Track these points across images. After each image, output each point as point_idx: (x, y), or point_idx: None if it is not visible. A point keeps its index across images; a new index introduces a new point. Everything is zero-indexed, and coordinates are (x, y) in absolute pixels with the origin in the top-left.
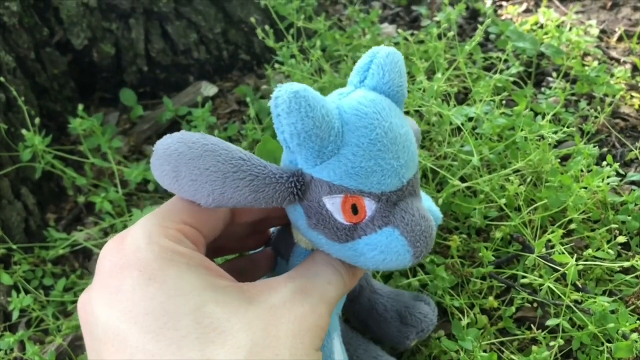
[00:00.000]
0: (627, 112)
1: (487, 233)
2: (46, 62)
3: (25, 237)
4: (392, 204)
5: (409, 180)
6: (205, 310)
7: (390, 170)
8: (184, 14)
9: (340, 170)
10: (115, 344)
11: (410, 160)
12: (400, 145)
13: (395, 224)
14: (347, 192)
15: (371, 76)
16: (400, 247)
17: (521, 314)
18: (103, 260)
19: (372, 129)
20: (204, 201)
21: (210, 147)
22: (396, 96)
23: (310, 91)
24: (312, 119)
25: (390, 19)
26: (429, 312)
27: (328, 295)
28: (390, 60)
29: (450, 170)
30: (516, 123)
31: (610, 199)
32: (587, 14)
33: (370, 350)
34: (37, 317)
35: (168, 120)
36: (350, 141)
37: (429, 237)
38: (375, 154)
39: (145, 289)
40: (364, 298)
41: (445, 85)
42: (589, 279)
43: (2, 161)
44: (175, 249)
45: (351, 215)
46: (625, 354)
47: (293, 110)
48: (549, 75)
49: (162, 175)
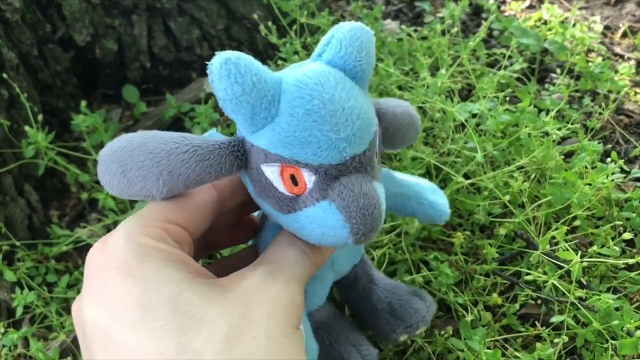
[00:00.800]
0: (632, 108)
1: (491, 230)
2: (49, 58)
3: (28, 233)
4: (332, 178)
5: (354, 155)
6: (182, 299)
7: (327, 143)
8: (187, 10)
9: (274, 139)
10: (102, 342)
11: (355, 136)
12: (343, 118)
13: (332, 198)
14: (283, 162)
15: (329, 50)
16: (336, 221)
17: (525, 311)
18: (88, 263)
19: (310, 99)
20: (155, 188)
21: (151, 134)
22: (353, 71)
23: (242, 58)
24: (241, 85)
25: (393, 15)
26: (421, 308)
27: (297, 274)
28: (352, 35)
29: (454, 167)
30: (520, 119)
31: (615, 195)
32: (591, 10)
33: (352, 337)
34: (40, 313)
35: (171, 116)
36: (285, 110)
37: (369, 216)
38: (310, 124)
39: (124, 285)
40: (360, 286)
41: (449, 82)
42: (593, 276)
43: (5, 158)
44: (154, 246)
45: (291, 185)
46: (630, 351)
47: (223, 77)
48: (553, 71)
49: (111, 177)
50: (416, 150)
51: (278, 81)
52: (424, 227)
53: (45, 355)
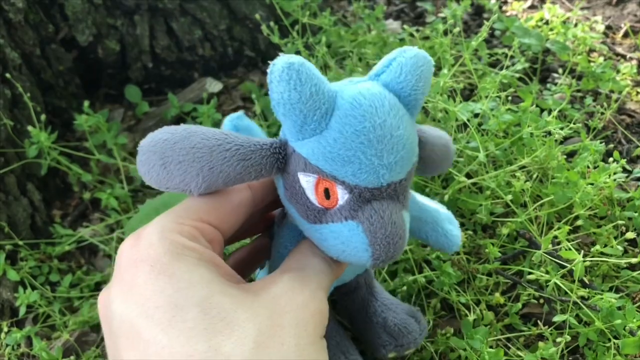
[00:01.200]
0: (634, 108)
1: (493, 229)
2: (52, 58)
3: (31, 233)
4: (364, 200)
5: (391, 183)
6: (213, 301)
7: (368, 166)
8: (189, 10)
9: (317, 151)
10: (130, 338)
11: (397, 165)
12: (389, 145)
13: (360, 220)
14: (320, 174)
15: (388, 72)
16: (360, 244)
17: (527, 310)
18: (120, 257)
19: (362, 120)
20: (194, 183)
21: (193, 129)
22: (408, 98)
23: (305, 66)
24: (299, 92)
25: (395, 15)
26: (414, 329)
27: (322, 283)
28: (414, 62)
29: (456, 167)
30: (522, 119)
31: (617, 195)
32: (592, 10)
33: (342, 344)
34: (43, 313)
35: (173, 116)
36: (335, 126)
37: (392, 244)
38: (357, 145)
39: (156, 283)
40: (359, 296)
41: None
42: (595, 276)
43: (8, 157)
44: (187, 245)
45: (323, 198)
46: (633, 350)
47: (283, 80)
48: (555, 71)
49: (150, 168)
50: None
51: (334, 95)
52: None
53: (48, 354)
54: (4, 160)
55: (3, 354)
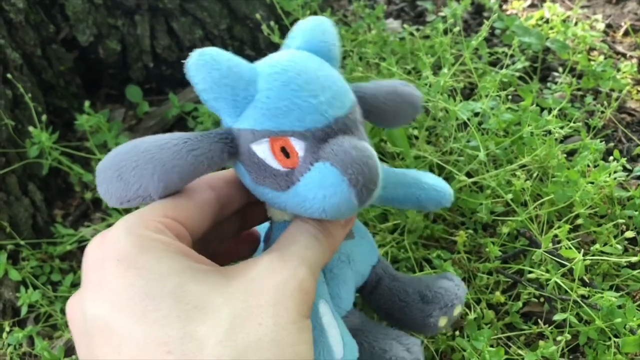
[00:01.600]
0: (634, 106)
1: (493, 228)
2: (52, 58)
3: (32, 233)
4: (321, 141)
5: (337, 117)
6: (185, 289)
7: (309, 107)
8: (189, 10)
9: (257, 115)
10: (103, 335)
11: (335, 99)
12: (318, 84)
13: (325, 157)
14: (271, 135)
15: (294, 40)
16: (333, 177)
17: (528, 309)
18: (86, 257)
19: (284, 72)
20: (151, 186)
21: (139, 139)
22: (320, 52)
23: (215, 50)
24: (218, 70)
25: (395, 14)
26: (450, 286)
27: (308, 258)
28: (312, 23)
29: (457, 166)
30: (522, 118)
31: (617, 194)
32: (592, 9)
33: (390, 333)
34: (45, 312)
35: (174, 116)
36: (263, 87)
37: (364, 164)
38: (289, 93)
39: (125, 277)
40: (384, 287)
41: (451, 81)
42: (595, 274)
43: (10, 158)
44: (154, 237)
45: (284, 159)
46: (633, 348)
47: (200, 67)
48: (555, 70)
49: (108, 185)
50: (419, 149)
51: (253, 66)
52: (426, 226)
53: (50, 353)
54: (5, 161)
55: (5, 353)
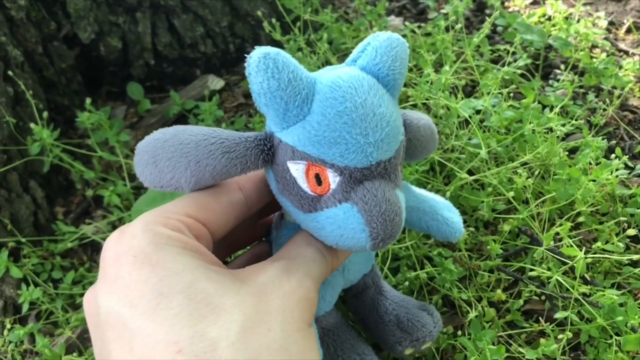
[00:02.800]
0: (636, 104)
1: (495, 226)
2: (54, 56)
3: (34, 230)
4: (356, 181)
5: (380, 161)
6: (198, 287)
7: (355, 146)
8: (191, 7)
9: (303, 137)
10: (116, 329)
11: (383, 142)
12: (373, 123)
13: (354, 201)
14: (310, 160)
15: (364, 56)
16: (356, 224)
17: (529, 307)
18: (104, 252)
19: (342, 101)
20: (183, 179)
21: (182, 128)
22: (386, 79)
23: (281, 55)
24: (277, 80)
25: (397, 11)
26: (428, 322)
27: (312, 272)
28: (388, 44)
29: (458, 163)
30: (524, 116)
31: (619, 191)
32: (595, 6)
33: (357, 346)
34: (46, 309)
35: (175, 114)
36: (317, 110)
37: (389, 221)
38: (341, 126)
39: (140, 273)
40: (368, 297)
41: (453, 78)
42: (597, 272)
43: (11, 155)
44: (170, 235)
45: (315, 185)
46: (634, 346)
47: (261, 70)
48: (557, 67)
49: (144, 167)
50: None
51: (313, 81)
52: None
53: (51, 351)
54: (6, 158)
55: (6, 350)
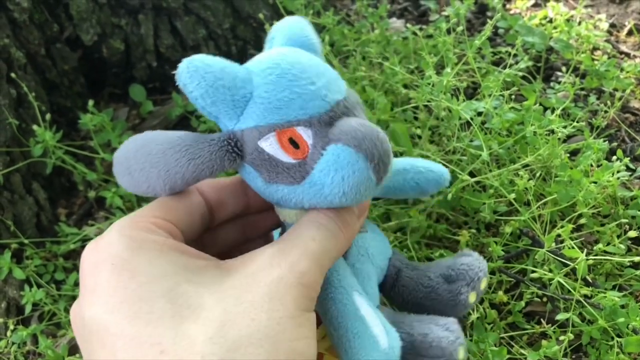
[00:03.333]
0: (637, 106)
1: (496, 228)
2: (56, 58)
3: (36, 232)
4: (326, 125)
5: (338, 101)
6: (179, 291)
7: (309, 94)
8: (193, 9)
9: (259, 110)
10: (100, 338)
11: (331, 84)
12: (312, 72)
13: (335, 139)
14: (276, 128)
15: (276, 41)
16: (349, 156)
17: (531, 309)
18: (83, 263)
19: (277, 66)
20: (158, 186)
21: (150, 136)
22: (304, 46)
23: (204, 56)
24: (211, 73)
25: (398, 13)
26: (472, 261)
27: (312, 251)
28: (288, 22)
29: (460, 165)
30: (525, 118)
31: (620, 193)
32: (596, 8)
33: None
34: (49, 311)
35: (177, 115)
36: (260, 82)
37: (376, 139)
38: (287, 84)
39: (119, 279)
40: (405, 278)
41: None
42: (598, 274)
43: (14, 157)
44: (146, 237)
45: (294, 150)
46: (636, 348)
47: (192, 73)
48: (558, 69)
49: (121, 177)
50: (422, 149)
51: (244, 66)
52: (429, 225)
53: (54, 352)
54: (9, 160)
55: (9, 351)
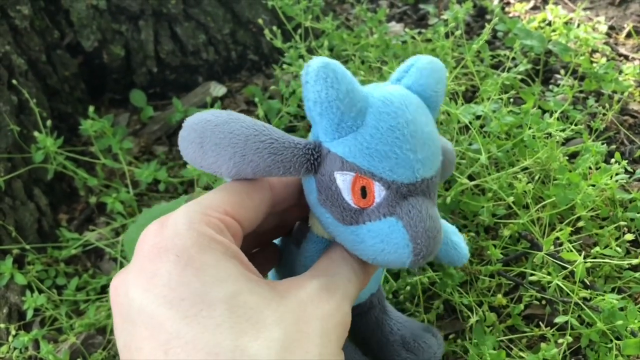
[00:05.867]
0: (636, 109)
1: (495, 231)
2: (57, 64)
3: (38, 237)
4: (401, 196)
5: (425, 178)
6: (240, 299)
7: (404, 160)
8: (193, 15)
9: (355, 148)
10: (149, 328)
11: (429, 160)
12: (421, 140)
13: (400, 216)
14: (358, 171)
15: (409, 76)
16: (401, 239)
17: (530, 312)
18: (142, 243)
19: (395, 117)
20: (225, 166)
21: (235, 116)
22: (429, 99)
23: (340, 66)
24: (336, 90)
25: (397, 17)
26: (433, 344)
27: (349, 293)
28: (431, 66)
29: (459, 169)
30: (524, 121)
31: (619, 196)
32: (595, 11)
33: None
34: (50, 316)
35: (178, 121)
36: (371, 123)
37: (432, 238)
38: (393, 140)
39: (182, 274)
40: (372, 316)
41: (453, 84)
42: (597, 277)
43: (15, 163)
44: (214, 237)
45: (359, 197)
46: (634, 351)
47: (320, 79)
48: (557, 72)
49: (189, 144)
50: None
51: (366, 94)
52: None
53: (55, 357)
54: (11, 166)
55: (11, 357)
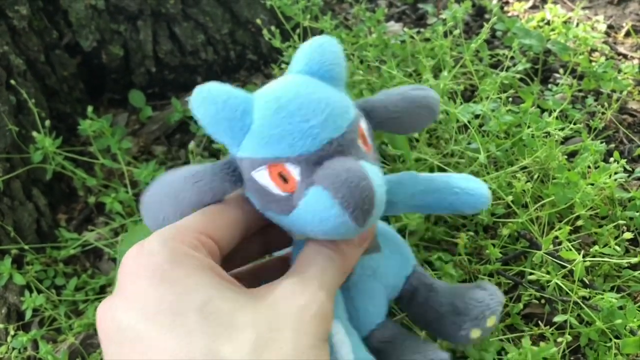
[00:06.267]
0: (635, 107)
1: (494, 230)
2: (56, 64)
3: (37, 237)
4: (315, 164)
5: (332, 139)
6: (212, 306)
7: (300, 133)
8: (192, 15)
9: (254, 144)
10: (132, 343)
11: (328, 121)
12: (309, 108)
13: (318, 181)
14: (267, 162)
15: (295, 63)
16: (326, 201)
17: (529, 311)
18: (123, 267)
19: (277, 100)
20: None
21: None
22: (320, 73)
23: (214, 85)
24: (214, 105)
25: (396, 17)
26: (483, 297)
27: (325, 282)
28: (312, 44)
29: (458, 168)
30: (523, 120)
31: (618, 195)
32: (594, 10)
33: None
34: (49, 316)
35: (177, 121)
36: (258, 116)
37: (356, 187)
38: (280, 120)
39: (157, 290)
40: (420, 299)
41: (452, 83)
42: (596, 275)
43: (14, 163)
44: (187, 252)
45: (283, 184)
46: (633, 349)
47: (200, 103)
48: (556, 71)
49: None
50: (420, 152)
51: (249, 97)
52: (427, 228)
53: (54, 357)
54: (9, 166)
55: (10, 357)
